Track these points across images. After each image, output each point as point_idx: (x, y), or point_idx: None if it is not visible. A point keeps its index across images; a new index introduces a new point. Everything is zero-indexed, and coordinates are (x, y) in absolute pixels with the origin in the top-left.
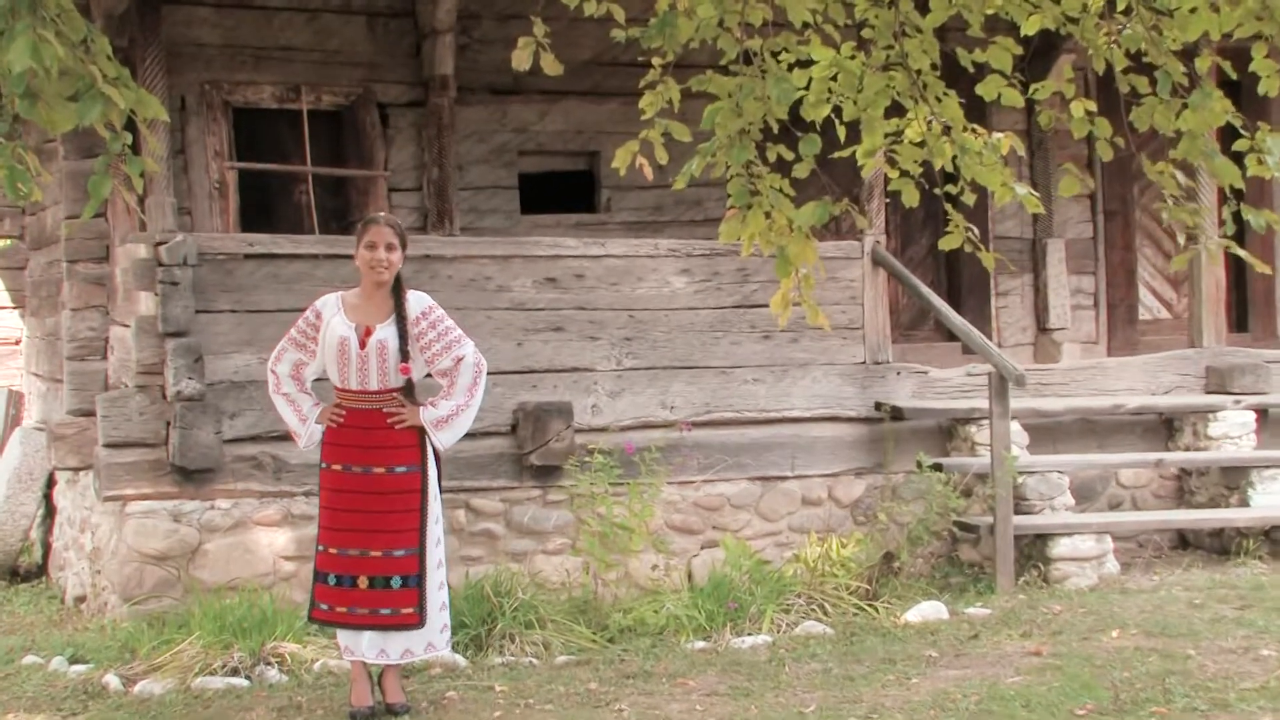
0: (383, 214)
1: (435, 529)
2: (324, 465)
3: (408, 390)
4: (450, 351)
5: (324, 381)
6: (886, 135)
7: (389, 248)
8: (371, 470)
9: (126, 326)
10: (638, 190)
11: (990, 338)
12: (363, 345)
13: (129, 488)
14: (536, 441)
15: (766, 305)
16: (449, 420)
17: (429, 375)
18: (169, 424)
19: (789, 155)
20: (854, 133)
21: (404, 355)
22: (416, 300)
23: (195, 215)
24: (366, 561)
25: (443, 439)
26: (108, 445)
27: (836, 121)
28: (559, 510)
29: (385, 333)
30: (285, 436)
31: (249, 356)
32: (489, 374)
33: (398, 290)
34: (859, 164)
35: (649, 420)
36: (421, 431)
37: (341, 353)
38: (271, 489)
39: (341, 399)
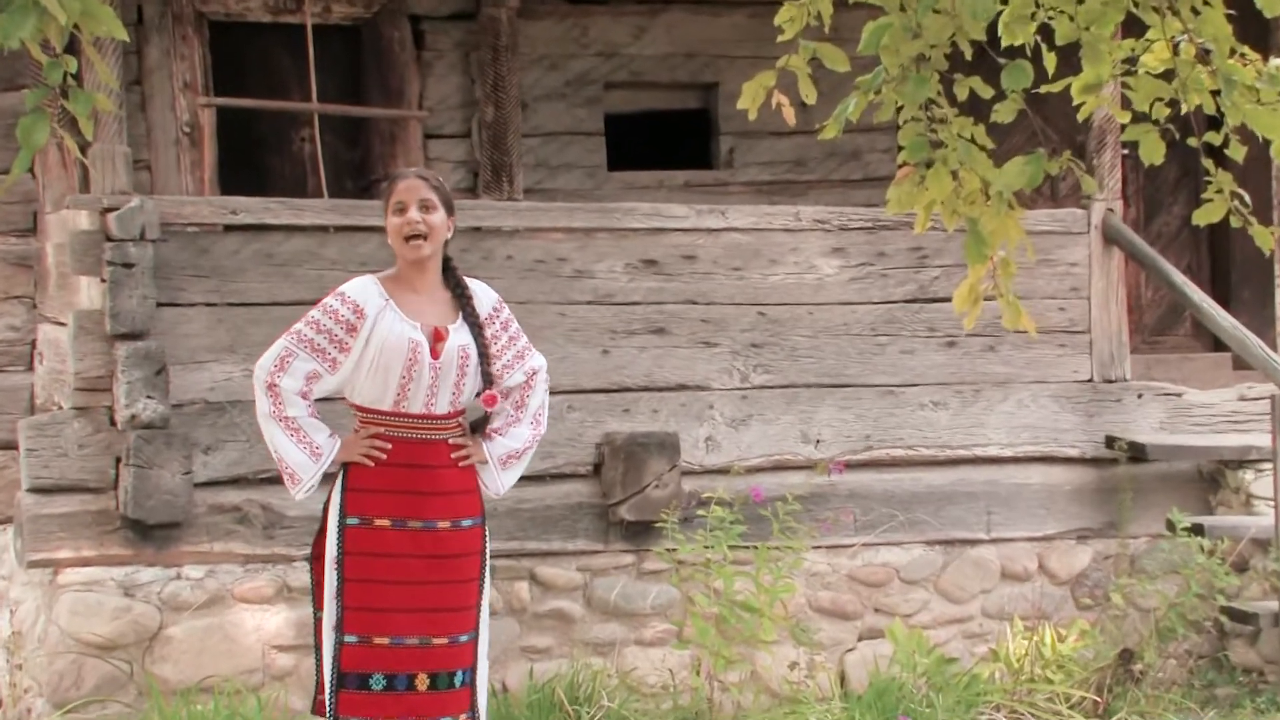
0: (414, 169)
1: (486, 606)
2: (356, 521)
3: (481, 423)
4: (522, 362)
5: (329, 402)
6: (1119, 63)
7: (425, 206)
8: (435, 526)
9: (61, 325)
10: (772, 138)
11: (1274, 346)
12: (435, 354)
13: (63, 549)
14: (629, 488)
15: (950, 299)
16: (521, 456)
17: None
18: (119, 461)
19: (986, 91)
20: (1071, 59)
21: (487, 379)
22: (482, 292)
23: (157, 170)
24: (430, 653)
25: (506, 481)
26: (34, 490)
27: (1047, 45)
28: (659, 584)
29: (463, 337)
30: (281, 479)
31: (230, 367)
32: (560, 392)
33: (454, 279)
34: (1075, 103)
35: (785, 458)
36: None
37: (410, 363)
38: (261, 551)
39: (388, 428)
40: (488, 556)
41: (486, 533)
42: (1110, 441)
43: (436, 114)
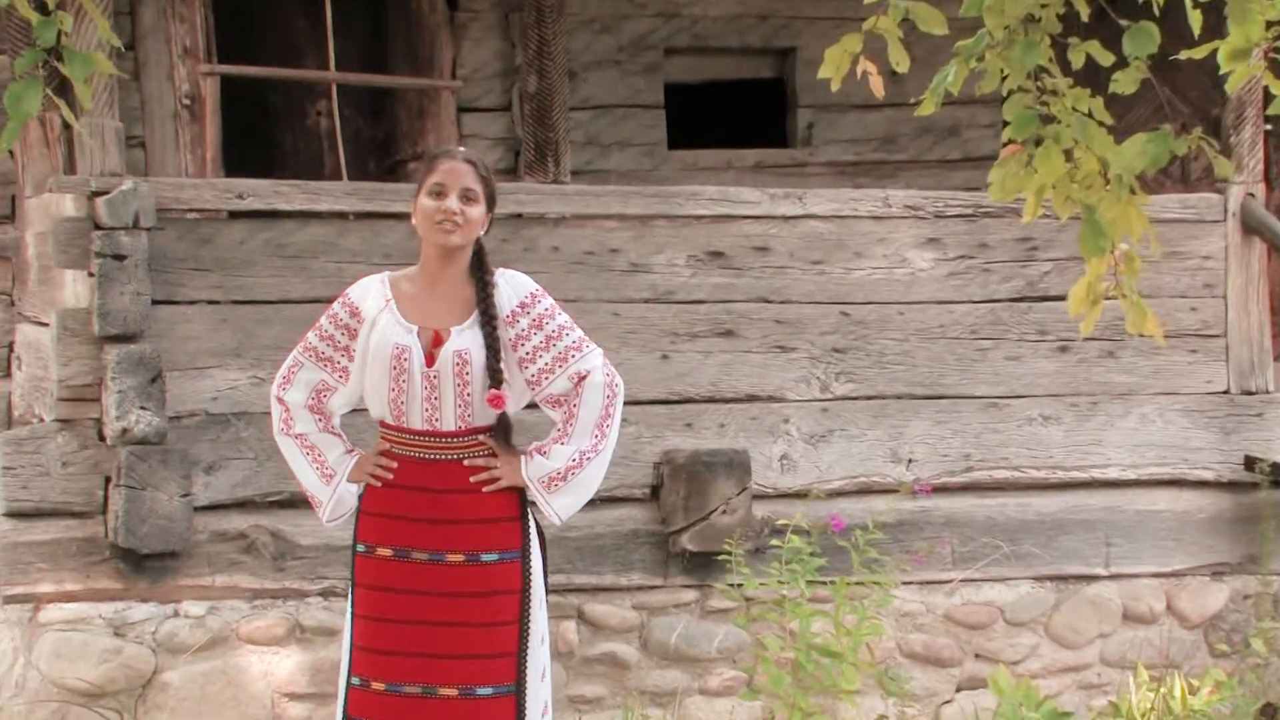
0: (462, 148)
1: (540, 654)
2: (362, 549)
3: (501, 431)
4: (568, 364)
5: (361, 414)
6: (1270, 24)
7: (466, 196)
8: (444, 558)
9: (43, 326)
10: (857, 112)
11: None
12: (430, 360)
13: (44, 582)
14: (692, 513)
15: (1064, 298)
16: (569, 477)
17: (531, 405)
18: (108, 481)
19: (1106, 58)
20: (1213, 21)
21: (495, 376)
22: (510, 285)
23: (153, 149)
24: (438, 707)
25: (559, 507)
26: (11, 514)
27: (1186, 4)
28: (726, 625)
29: (466, 339)
30: (294, 502)
31: (236, 374)
32: None
33: (480, 269)
34: (1221, 71)
35: (871, 480)
36: (522, 496)
37: (397, 372)
38: (271, 585)
39: (394, 444)
40: (539, 595)
41: (533, 568)
42: (1250, 463)
43: (472, 84)
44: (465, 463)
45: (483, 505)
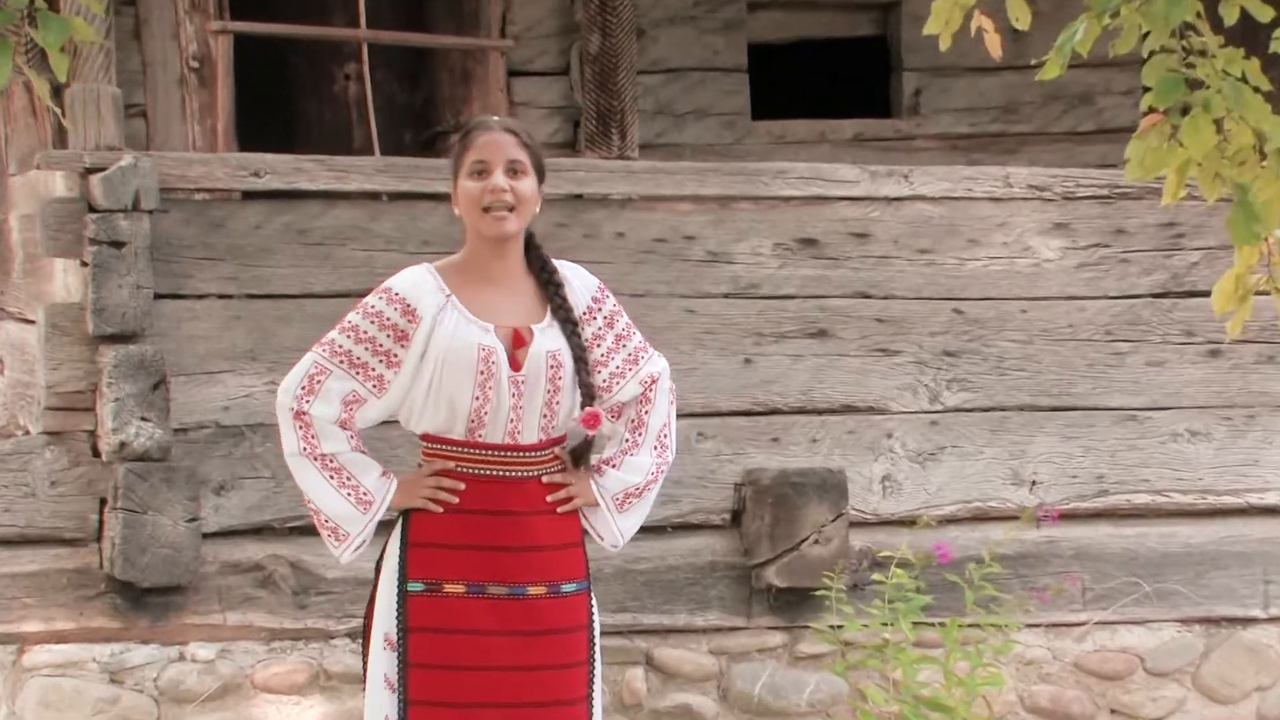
0: (497, 117)
1: (598, 692)
2: (420, 587)
3: (586, 448)
4: (639, 367)
5: (390, 427)
6: None
7: (513, 169)
8: (525, 592)
9: (29, 323)
10: (972, 77)
11: None
12: (516, 365)
13: (30, 619)
14: (779, 543)
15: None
16: (642, 494)
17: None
18: (104, 503)
19: (1264, 12)
20: None
21: (587, 391)
22: (578, 278)
23: (156, 119)
24: None
25: (625, 529)
26: None
27: None
28: (819, 673)
29: (553, 339)
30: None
31: (251, 380)
32: (687, 414)
33: (540, 260)
34: None
35: (988, 505)
36: (580, 519)
37: (484, 377)
38: (291, 625)
39: (461, 462)
40: (598, 633)
41: (594, 600)
42: None
43: (524, 44)
44: (544, 479)
45: (562, 528)
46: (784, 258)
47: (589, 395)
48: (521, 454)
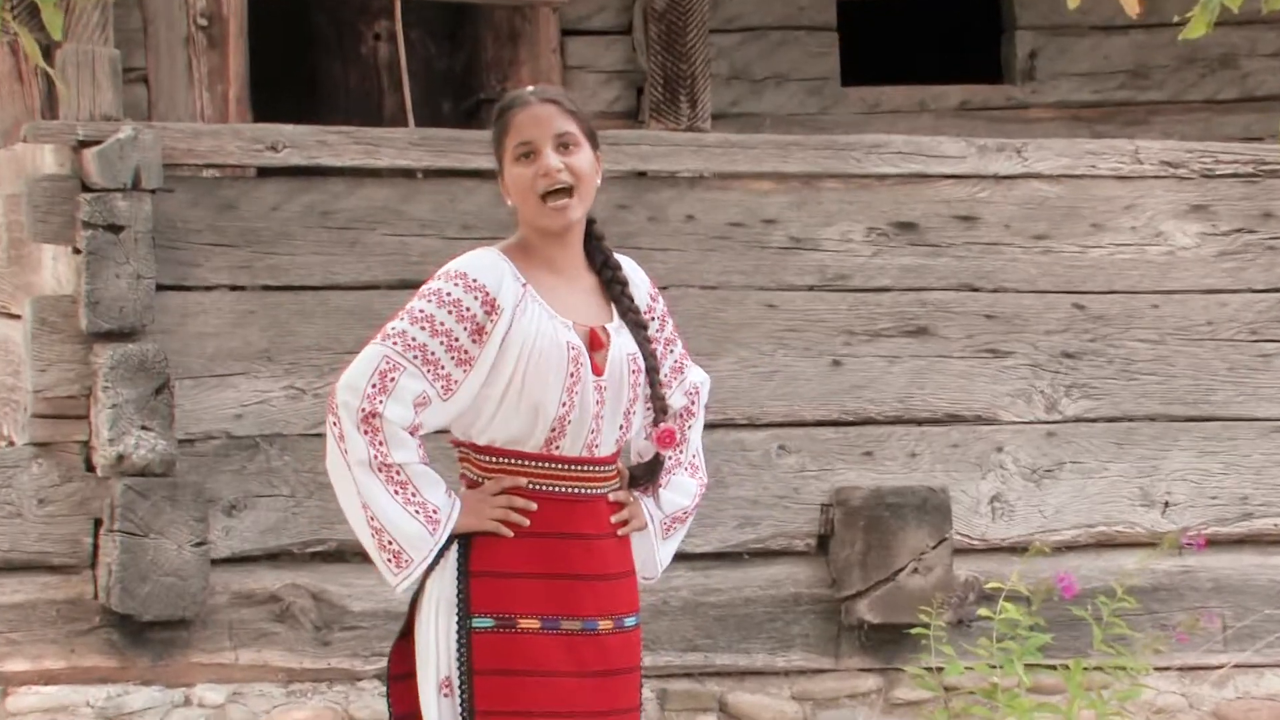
0: (531, 88)
1: None
2: (489, 623)
3: (652, 469)
4: (684, 375)
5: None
6: None
7: (563, 143)
8: (596, 628)
9: (14, 318)
10: (1097, 37)
11: None
12: (597, 368)
13: (16, 658)
14: (872, 573)
15: None
16: (686, 520)
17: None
18: (99, 525)
19: None
20: None
21: (660, 403)
22: (637, 275)
23: (159, 84)
24: None
25: (665, 557)
26: None
27: None
28: None
29: (627, 341)
30: (343, 554)
31: (267, 383)
32: (764, 424)
33: (599, 249)
34: None
35: (1114, 529)
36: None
37: (573, 382)
38: (311, 664)
39: (532, 478)
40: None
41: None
42: None
43: (582, 0)
44: (611, 498)
45: (622, 554)
46: (878, 244)
47: (661, 409)
48: (596, 468)
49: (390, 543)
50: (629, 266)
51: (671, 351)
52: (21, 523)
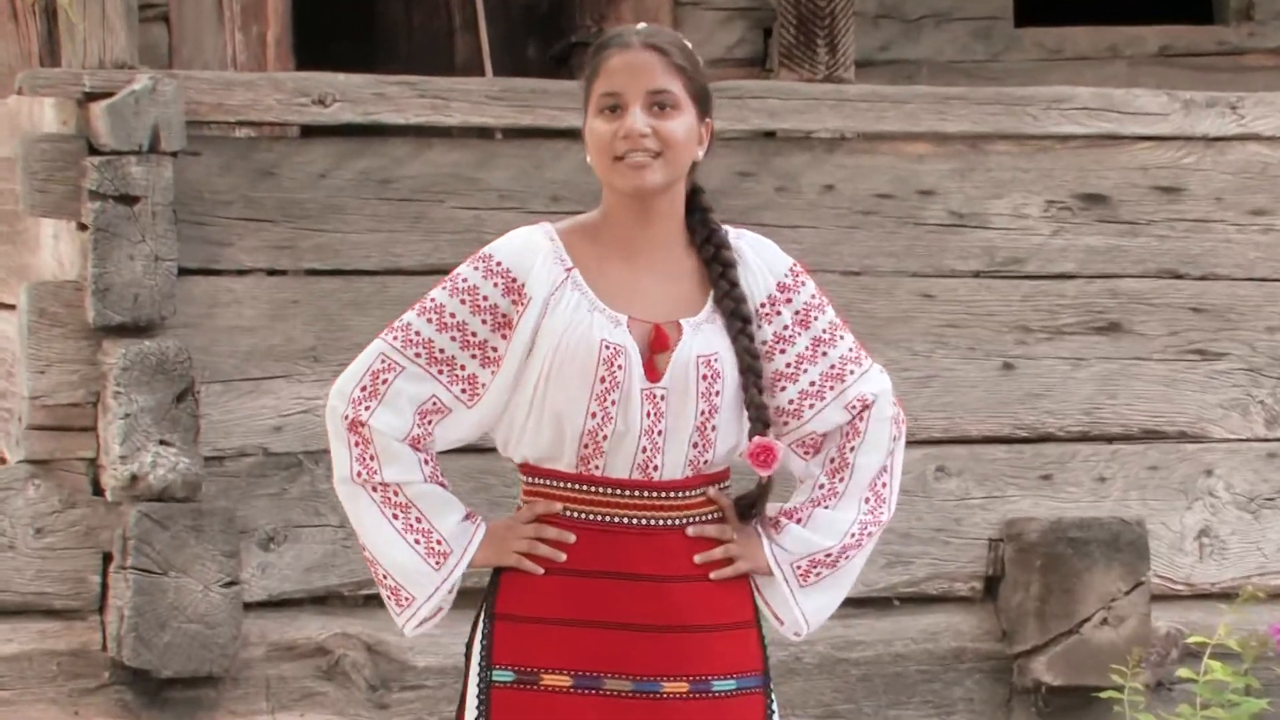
0: (641, 26)
1: None
2: (508, 677)
3: (753, 499)
4: (845, 385)
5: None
6: None
7: (658, 102)
8: (659, 689)
9: (7, 309)
10: None
11: None
12: (654, 372)
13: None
14: (1051, 623)
15: None
16: (839, 562)
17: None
18: (108, 560)
19: None
20: None
21: (759, 411)
22: (759, 254)
23: (181, 25)
24: None
25: (810, 611)
26: None
27: None
28: None
29: (710, 338)
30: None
31: (313, 388)
32: (919, 441)
33: (704, 224)
34: None
35: None
36: (752, 587)
37: (605, 387)
38: None
39: (571, 504)
40: None
41: (773, 704)
42: None
43: None
44: (690, 531)
45: (721, 601)
46: (1060, 221)
47: (761, 420)
48: (657, 495)
49: (385, 576)
50: (749, 245)
51: (824, 354)
52: (15, 557)
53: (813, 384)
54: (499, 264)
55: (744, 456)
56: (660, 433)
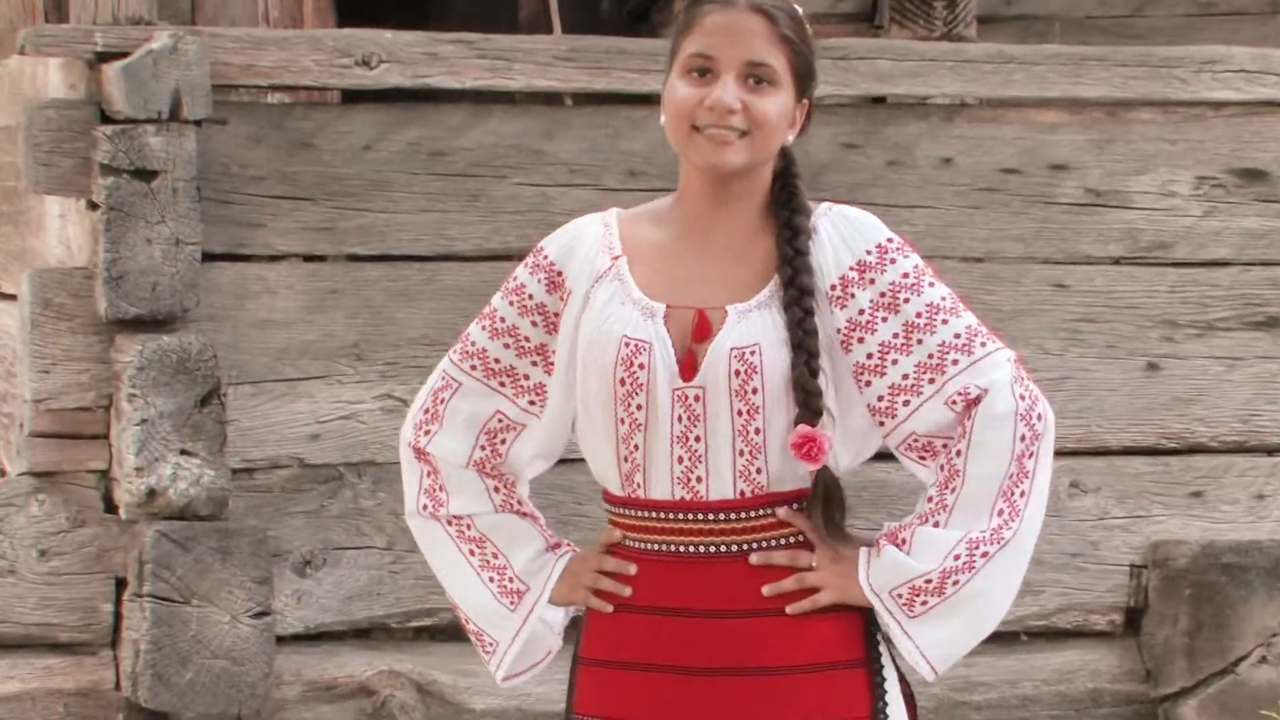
0: None
1: None
2: None
3: (822, 503)
4: (946, 376)
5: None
6: None
7: (755, 75)
8: None
9: (8, 298)
10: None
11: None
12: (689, 369)
13: None
14: (1204, 661)
15: None
16: (946, 588)
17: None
18: (122, 587)
19: None
20: None
21: (809, 400)
22: (840, 230)
23: None
24: None
25: (929, 645)
26: None
27: None
28: None
29: (753, 327)
30: (457, 631)
31: (357, 390)
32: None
33: (789, 203)
34: None
35: None
36: (869, 623)
37: (627, 390)
38: None
39: (631, 531)
40: None
41: None
42: None
43: None
44: (754, 559)
45: (794, 641)
46: (1213, 201)
47: (811, 409)
48: (708, 517)
49: (467, 620)
50: (832, 220)
51: (919, 341)
52: (16, 583)
53: (905, 377)
54: (545, 257)
55: (791, 447)
56: (699, 440)
